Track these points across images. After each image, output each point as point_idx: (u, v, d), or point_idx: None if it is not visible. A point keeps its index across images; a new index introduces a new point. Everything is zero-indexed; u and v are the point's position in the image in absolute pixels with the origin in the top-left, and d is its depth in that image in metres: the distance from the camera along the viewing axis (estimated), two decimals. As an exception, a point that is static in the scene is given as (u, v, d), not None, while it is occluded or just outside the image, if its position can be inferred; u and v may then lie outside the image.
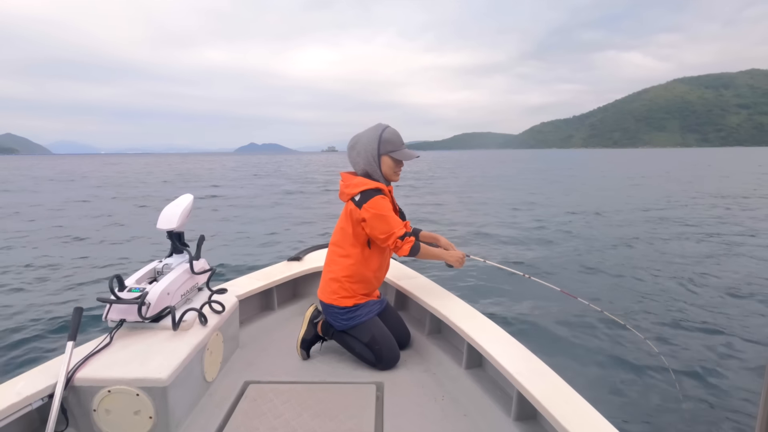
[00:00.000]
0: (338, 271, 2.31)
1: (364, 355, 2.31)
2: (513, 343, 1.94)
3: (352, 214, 2.24)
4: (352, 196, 2.25)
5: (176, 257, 2.26)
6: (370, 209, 2.17)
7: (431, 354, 2.41)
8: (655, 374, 3.42)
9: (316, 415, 1.90)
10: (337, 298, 2.30)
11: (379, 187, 2.24)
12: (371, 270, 2.34)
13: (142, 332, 1.94)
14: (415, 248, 2.27)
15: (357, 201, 2.22)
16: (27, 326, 4.58)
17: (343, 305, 2.30)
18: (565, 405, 1.48)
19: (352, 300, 2.31)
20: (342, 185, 2.33)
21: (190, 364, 1.86)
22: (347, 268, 2.30)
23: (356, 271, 2.30)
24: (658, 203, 13.93)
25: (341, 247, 2.32)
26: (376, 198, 2.19)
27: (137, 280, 2.04)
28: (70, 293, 5.78)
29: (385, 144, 2.25)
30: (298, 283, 3.11)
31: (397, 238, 2.21)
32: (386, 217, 2.19)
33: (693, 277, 6.03)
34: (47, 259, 7.54)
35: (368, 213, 2.18)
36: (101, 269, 6.92)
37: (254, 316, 2.81)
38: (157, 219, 2.18)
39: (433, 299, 2.43)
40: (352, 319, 2.31)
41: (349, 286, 2.30)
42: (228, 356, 2.34)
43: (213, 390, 2.09)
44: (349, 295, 2.31)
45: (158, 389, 1.67)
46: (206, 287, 2.36)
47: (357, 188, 2.24)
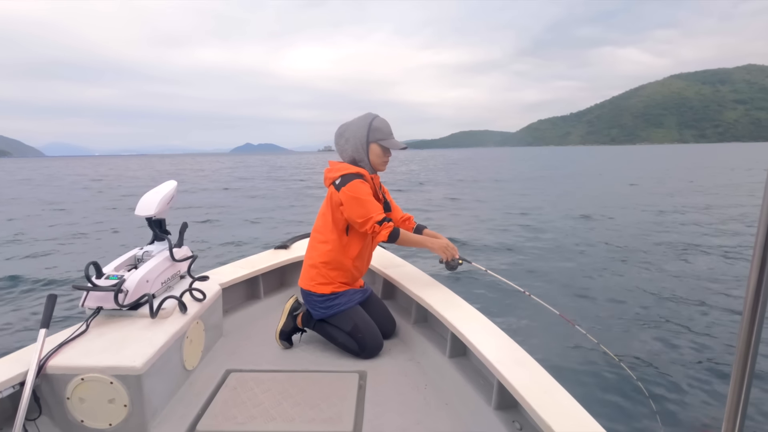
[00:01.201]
0: (316, 257, 2.29)
1: (347, 345, 2.29)
2: (497, 332, 1.90)
3: (332, 198, 2.22)
4: (333, 180, 2.24)
5: (157, 244, 2.23)
6: (347, 192, 2.16)
7: (416, 343, 2.39)
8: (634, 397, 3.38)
9: (297, 404, 1.87)
10: (314, 285, 2.28)
11: (360, 172, 2.22)
12: (349, 258, 2.30)
13: (120, 320, 1.91)
14: (394, 234, 2.23)
15: (337, 184, 2.21)
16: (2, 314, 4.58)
17: (321, 292, 2.28)
18: (544, 395, 1.45)
19: (329, 287, 2.28)
20: (326, 171, 2.33)
21: (167, 353, 1.83)
22: (325, 254, 2.27)
23: (334, 258, 2.27)
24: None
25: (321, 233, 2.30)
26: (354, 181, 2.17)
27: (116, 268, 2.01)
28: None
29: (374, 132, 2.24)
30: (285, 272, 3.08)
31: (375, 222, 2.18)
32: (363, 200, 2.17)
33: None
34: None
35: (345, 195, 2.16)
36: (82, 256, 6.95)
37: (240, 305, 2.78)
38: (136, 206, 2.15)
39: (420, 288, 2.41)
40: (330, 308, 2.28)
41: (326, 273, 2.28)
42: (210, 345, 2.31)
43: (193, 378, 2.06)
44: (327, 282, 2.28)
45: (132, 377, 1.64)
46: (188, 275, 2.33)
47: (338, 172, 2.23)
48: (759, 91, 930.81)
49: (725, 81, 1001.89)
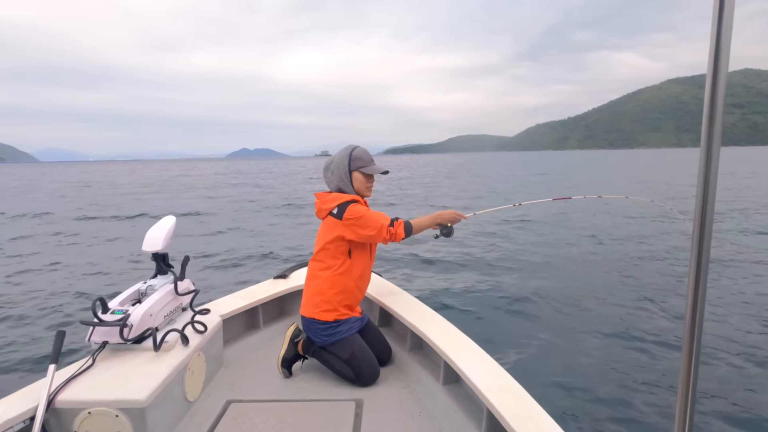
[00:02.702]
0: (320, 284, 2.37)
1: (343, 372, 2.36)
2: (487, 359, 1.99)
3: (335, 227, 2.32)
4: (329, 211, 2.35)
5: (161, 278, 2.30)
6: (351, 216, 2.29)
7: (411, 370, 2.46)
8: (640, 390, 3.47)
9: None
10: (319, 312, 2.36)
11: (355, 198, 2.37)
12: (353, 279, 2.40)
13: (125, 354, 1.98)
14: (407, 227, 2.35)
15: (336, 213, 2.32)
16: (10, 351, 4.56)
17: (325, 319, 2.35)
18: (530, 422, 1.54)
19: (333, 314, 2.36)
20: (318, 203, 2.43)
21: (170, 385, 1.90)
22: (329, 279, 2.36)
23: (338, 281, 2.36)
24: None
25: (322, 261, 2.39)
26: (352, 205, 2.31)
27: (121, 302, 2.08)
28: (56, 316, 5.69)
29: (355, 161, 2.40)
30: (284, 301, 3.14)
31: (387, 227, 2.30)
32: (367, 215, 2.30)
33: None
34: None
35: (351, 219, 2.28)
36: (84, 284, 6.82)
37: (240, 335, 2.84)
38: (142, 242, 2.23)
39: (414, 316, 2.48)
40: (332, 335, 2.36)
41: (331, 298, 2.36)
42: (211, 376, 2.38)
43: (195, 410, 2.13)
44: (331, 309, 2.36)
45: (137, 410, 1.71)
46: (190, 308, 2.40)
47: (334, 202, 2.34)
48: (756, 95, 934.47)
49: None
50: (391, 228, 2.30)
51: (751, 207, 13.28)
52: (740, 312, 4.90)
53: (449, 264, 7.57)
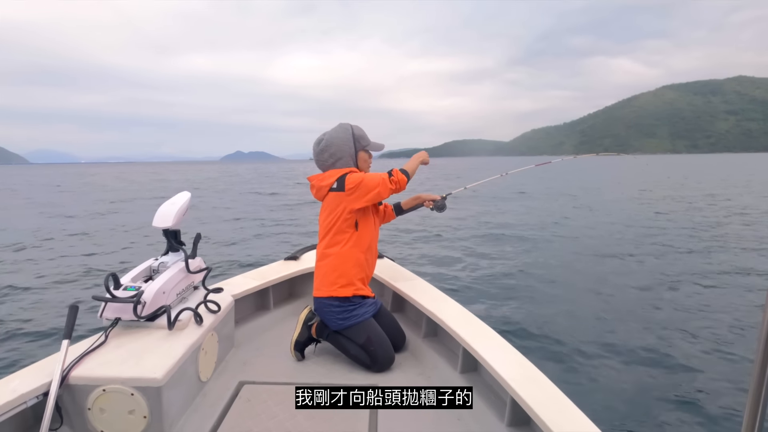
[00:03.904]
0: (333, 261, 2.34)
1: (359, 357, 2.31)
2: (508, 348, 1.94)
3: (340, 201, 2.30)
4: (330, 186, 2.33)
5: (172, 255, 2.25)
6: (352, 183, 2.29)
7: (427, 357, 2.41)
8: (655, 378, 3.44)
9: (310, 417, 1.89)
10: (336, 288, 2.31)
11: (351, 169, 2.38)
12: (362, 251, 2.38)
13: (138, 331, 1.93)
14: (404, 171, 2.40)
15: (336, 187, 2.31)
16: (24, 324, 4.53)
17: (344, 295, 2.31)
18: (558, 413, 1.48)
19: (351, 288, 2.33)
20: (316, 182, 2.41)
21: (184, 364, 1.86)
22: (341, 254, 2.33)
23: (351, 254, 2.34)
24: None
25: (331, 239, 2.36)
26: (350, 174, 2.33)
27: (133, 279, 2.03)
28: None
29: (359, 140, 2.43)
30: (294, 283, 3.10)
31: (387, 179, 2.32)
32: (368, 176, 2.34)
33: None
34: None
35: (353, 186, 2.28)
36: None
37: (249, 316, 2.80)
38: (153, 217, 2.18)
39: (430, 302, 2.44)
40: (348, 319, 2.31)
41: (347, 271, 2.33)
42: (223, 356, 2.33)
43: (207, 390, 2.08)
44: (348, 283, 2.33)
45: (153, 389, 1.66)
46: (202, 286, 2.35)
47: (332, 177, 2.34)
48: (750, 102, 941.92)
49: (716, 92, 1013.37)
50: (392, 177, 2.33)
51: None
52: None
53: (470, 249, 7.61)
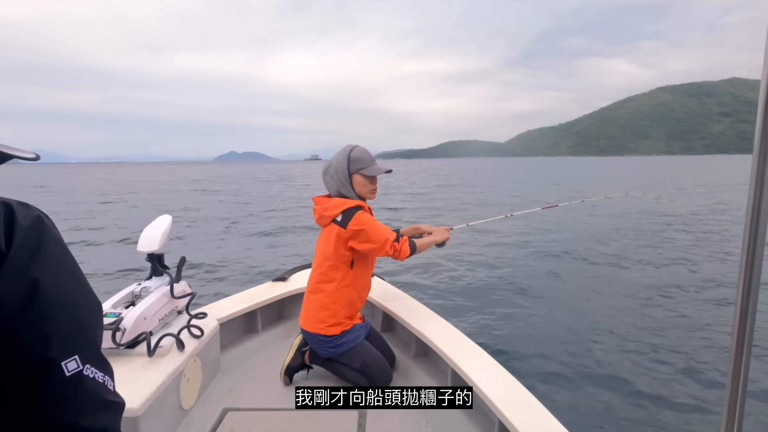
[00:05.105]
0: (324, 299, 2.25)
1: (357, 381, 2.25)
2: (498, 369, 1.90)
3: (339, 236, 2.19)
4: (333, 218, 2.22)
5: (155, 280, 2.20)
6: (355, 226, 2.14)
7: (416, 378, 2.37)
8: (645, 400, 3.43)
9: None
10: (324, 327, 2.24)
11: (359, 204, 2.23)
12: (356, 290, 2.30)
13: (117, 359, 1.88)
14: (412, 245, 2.27)
15: (340, 221, 2.18)
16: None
17: (331, 334, 2.24)
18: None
19: (339, 328, 2.25)
20: (319, 209, 2.28)
21: (165, 392, 1.80)
22: (333, 293, 2.24)
23: (343, 294, 2.25)
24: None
25: (324, 274, 2.27)
26: (358, 213, 2.17)
27: (113, 305, 1.98)
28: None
29: (354, 162, 2.24)
30: (283, 305, 3.02)
31: (393, 242, 2.19)
32: (375, 227, 2.18)
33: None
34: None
35: (354, 230, 2.15)
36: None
37: (237, 340, 2.72)
38: (138, 242, 2.13)
39: (419, 322, 2.39)
40: (339, 347, 2.26)
41: (336, 312, 2.24)
42: (207, 382, 2.27)
43: (190, 418, 2.02)
44: (336, 323, 2.25)
45: (130, 419, 1.60)
46: (186, 311, 2.30)
47: (337, 209, 2.20)
48: (743, 104, 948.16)
49: (711, 94, 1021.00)
50: (396, 244, 2.19)
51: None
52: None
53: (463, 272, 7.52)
